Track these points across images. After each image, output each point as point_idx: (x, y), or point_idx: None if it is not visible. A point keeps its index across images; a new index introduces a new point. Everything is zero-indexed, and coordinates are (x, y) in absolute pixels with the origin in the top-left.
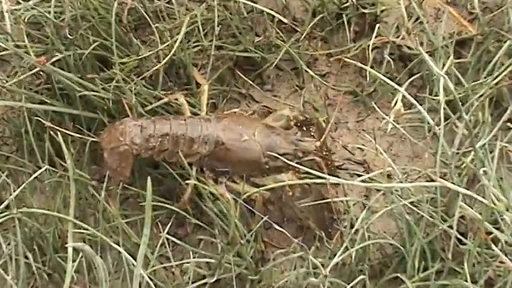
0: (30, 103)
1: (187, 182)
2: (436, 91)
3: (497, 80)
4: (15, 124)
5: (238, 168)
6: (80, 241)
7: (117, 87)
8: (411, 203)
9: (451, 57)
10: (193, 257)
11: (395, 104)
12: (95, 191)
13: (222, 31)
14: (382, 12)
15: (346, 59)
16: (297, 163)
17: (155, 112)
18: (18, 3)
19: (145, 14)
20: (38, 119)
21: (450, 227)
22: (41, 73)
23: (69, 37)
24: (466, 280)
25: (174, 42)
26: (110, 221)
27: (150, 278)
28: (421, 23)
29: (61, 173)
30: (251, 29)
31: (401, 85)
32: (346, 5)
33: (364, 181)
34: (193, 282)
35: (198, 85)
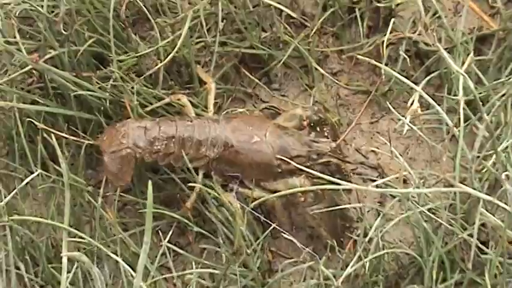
0: (21, 103)
1: (190, 185)
2: (455, 90)
3: None
4: (6, 126)
5: (249, 172)
6: (75, 251)
7: (114, 87)
8: (429, 210)
9: (471, 54)
10: (196, 267)
11: (411, 104)
12: (90, 197)
13: (226, 26)
14: (397, 6)
15: (359, 56)
16: (311, 166)
17: (155, 113)
18: None
19: (144, 8)
20: (30, 120)
21: (470, 236)
22: (33, 71)
23: (64, 33)
24: None
25: (176, 38)
26: (107, 229)
27: None
28: (439, 17)
29: (55, 178)
30: (257, 24)
31: (417, 84)
32: None
33: (378, 186)
34: None
35: (202, 83)
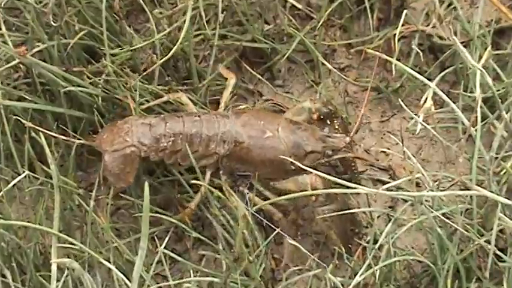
0: (7, 100)
1: (194, 183)
2: (471, 87)
3: None
4: None
5: (261, 169)
6: (65, 258)
7: (107, 82)
8: (443, 215)
9: (489, 48)
10: (194, 275)
11: (424, 102)
12: (81, 200)
13: (226, 18)
14: None
15: (369, 51)
16: (326, 162)
17: (151, 111)
18: None
19: None
20: (17, 118)
21: (488, 242)
22: (20, 66)
23: (53, 24)
24: None
25: (173, 30)
26: (99, 235)
27: None
28: (455, 9)
29: (43, 180)
30: (260, 15)
31: (431, 80)
32: None
33: (389, 190)
34: None
35: (200, 79)
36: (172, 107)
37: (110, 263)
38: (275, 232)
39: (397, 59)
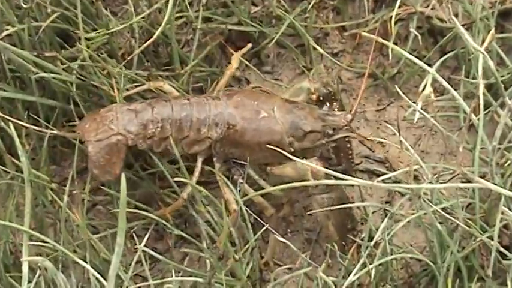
0: None
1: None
2: (473, 73)
3: None
4: None
5: (257, 153)
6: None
7: (82, 68)
8: (443, 210)
9: (492, 31)
10: (176, 275)
11: (423, 89)
12: (55, 195)
13: None
14: None
15: (364, 34)
16: (327, 142)
17: (130, 99)
18: None
19: None
20: None
21: (491, 239)
22: None
23: (23, 6)
24: None
25: (153, 13)
26: (74, 232)
27: None
28: None
29: (13, 173)
30: None
31: (431, 65)
32: None
33: (385, 182)
34: None
35: (182, 65)
36: (153, 94)
37: (86, 262)
38: (263, 228)
39: (394, 43)
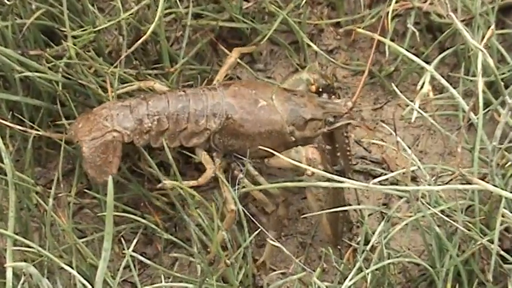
0: None
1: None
2: (473, 70)
3: None
4: None
5: (258, 143)
6: (22, 262)
7: (68, 67)
8: (442, 212)
9: (492, 26)
10: (166, 281)
11: (421, 87)
12: (40, 199)
13: None
14: None
15: (359, 30)
16: (329, 131)
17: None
18: None
19: None
20: None
21: (491, 242)
22: None
23: (6, 3)
24: None
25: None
26: (60, 237)
27: None
28: None
29: None
30: None
31: (429, 63)
32: None
33: (382, 184)
34: None
35: (172, 63)
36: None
37: (72, 268)
38: (256, 232)
39: (391, 40)
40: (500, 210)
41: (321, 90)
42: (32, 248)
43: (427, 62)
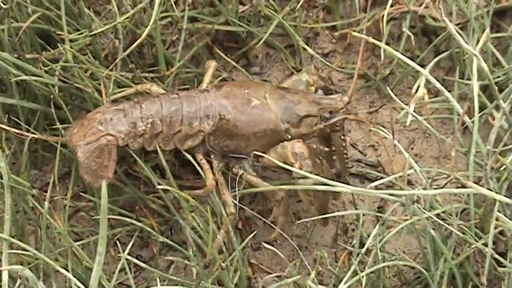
0: None
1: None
2: (468, 74)
3: None
4: None
5: (254, 143)
6: (18, 265)
7: (64, 70)
8: (437, 216)
9: (487, 30)
10: (162, 284)
11: (417, 90)
12: (36, 202)
13: None
14: None
15: (354, 34)
16: (325, 126)
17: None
18: None
19: None
20: None
21: (486, 245)
22: None
23: (2, 6)
24: None
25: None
26: (56, 239)
27: None
28: None
29: None
30: None
31: (424, 66)
32: None
33: (378, 188)
34: None
35: (168, 66)
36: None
37: (67, 271)
38: (252, 234)
39: (387, 43)
40: (495, 214)
41: (319, 91)
42: (28, 251)
43: (422, 66)
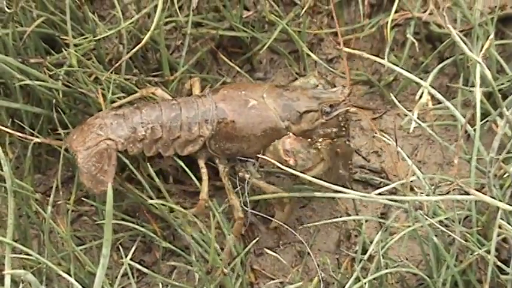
0: None
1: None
2: (472, 80)
3: None
4: None
5: (255, 143)
6: (20, 269)
7: (68, 75)
8: (440, 223)
9: (491, 37)
10: None
11: (420, 97)
12: (39, 206)
13: (201, 3)
14: None
15: (346, 49)
16: (327, 121)
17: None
18: None
19: None
20: None
21: (488, 253)
22: None
23: (7, 11)
24: None
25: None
26: (59, 244)
27: None
28: None
29: None
30: (238, 1)
31: (428, 72)
32: None
33: (381, 194)
34: None
35: (172, 71)
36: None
37: (70, 276)
38: (255, 240)
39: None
40: (498, 221)
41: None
42: (31, 255)
43: (427, 72)
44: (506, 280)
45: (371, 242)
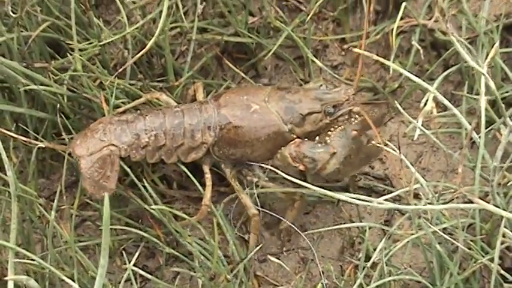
0: None
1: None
2: (477, 88)
3: None
4: None
5: (259, 147)
6: (23, 274)
7: (73, 80)
8: (443, 230)
9: (496, 45)
10: None
11: (425, 104)
12: (43, 210)
13: (206, 9)
14: None
15: (355, 50)
16: (331, 121)
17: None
18: None
19: None
20: None
21: (492, 261)
22: None
23: (12, 15)
24: None
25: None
26: (62, 249)
27: None
28: (460, 1)
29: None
30: (244, 6)
31: (433, 80)
32: None
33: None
34: None
35: (176, 77)
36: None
37: (73, 281)
38: (258, 248)
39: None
40: (501, 229)
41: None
42: (34, 260)
43: (432, 79)
44: None
45: (374, 249)
